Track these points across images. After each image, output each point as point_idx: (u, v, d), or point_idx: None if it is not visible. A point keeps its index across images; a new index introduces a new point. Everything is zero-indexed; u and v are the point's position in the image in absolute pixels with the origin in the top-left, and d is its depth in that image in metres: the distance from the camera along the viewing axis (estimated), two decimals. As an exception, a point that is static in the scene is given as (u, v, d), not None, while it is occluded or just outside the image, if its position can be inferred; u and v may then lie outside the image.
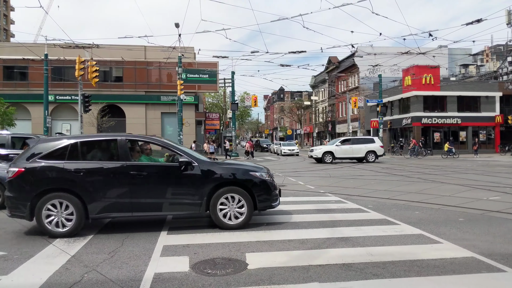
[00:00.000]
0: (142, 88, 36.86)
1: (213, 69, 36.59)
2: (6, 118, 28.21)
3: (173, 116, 35.17)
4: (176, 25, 26.47)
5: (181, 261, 5.05)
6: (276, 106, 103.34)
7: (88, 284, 4.30)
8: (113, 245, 5.84)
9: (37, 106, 33.29)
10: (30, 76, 35.45)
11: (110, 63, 35.98)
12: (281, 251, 5.49)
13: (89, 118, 32.18)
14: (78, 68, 23.68)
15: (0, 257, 5.31)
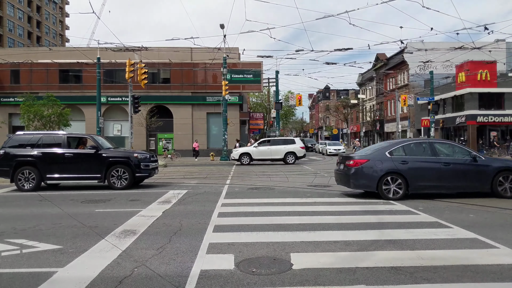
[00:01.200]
0: (189, 89, 37.74)
1: (257, 69, 36.78)
2: (62, 119, 29.89)
3: (218, 116, 35.73)
4: (221, 26, 26.87)
5: (226, 259, 5.09)
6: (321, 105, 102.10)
7: (138, 279, 4.44)
8: (161, 242, 6.01)
9: (91, 108, 35.02)
10: (84, 79, 37.36)
11: (158, 65, 37.16)
12: (327, 252, 5.40)
13: (139, 119, 33.40)
14: (128, 71, 24.63)
15: (57, 250, 5.62)
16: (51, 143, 12.93)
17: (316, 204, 9.32)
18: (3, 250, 5.60)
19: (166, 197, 10.61)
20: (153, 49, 34.16)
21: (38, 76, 37.56)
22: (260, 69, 37.10)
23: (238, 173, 18.60)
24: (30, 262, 5.09)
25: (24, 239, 6.20)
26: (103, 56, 31.30)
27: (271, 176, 16.93)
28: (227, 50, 30.44)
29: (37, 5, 78.38)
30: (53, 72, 37.51)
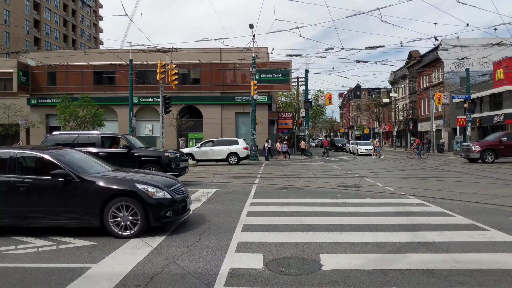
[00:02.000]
0: (218, 89, 38.07)
1: (286, 68, 36.64)
2: (96, 119, 30.80)
3: (247, 116, 35.84)
4: (250, 26, 26.94)
5: (255, 258, 5.10)
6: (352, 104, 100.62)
7: (168, 276, 4.51)
8: (191, 240, 6.08)
9: (123, 108, 35.90)
10: (117, 80, 38.35)
11: (188, 66, 37.67)
12: (357, 254, 5.30)
13: (169, 119, 33.93)
14: (160, 72, 25.10)
15: (91, 246, 5.79)
16: (86, 143, 13.35)
17: (346, 204, 9.18)
18: (40, 246, 5.82)
19: (196, 196, 10.73)
20: (183, 50, 34.64)
21: (74, 78, 38.86)
22: (289, 68, 36.93)
23: (266, 173, 18.60)
24: (66, 257, 5.27)
25: (60, 235, 6.42)
26: (135, 57, 32.03)
27: (300, 176, 16.82)
28: (256, 50, 30.49)
29: (73, 9, 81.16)
30: (88, 74, 38.71)
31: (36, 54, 41.69)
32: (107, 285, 4.23)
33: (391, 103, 66.69)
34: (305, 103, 36.47)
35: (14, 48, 50.79)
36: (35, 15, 66.72)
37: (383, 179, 14.94)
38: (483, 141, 26.10)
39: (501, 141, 23.68)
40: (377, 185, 13.11)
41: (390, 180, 14.80)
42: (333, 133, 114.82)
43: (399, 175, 16.80)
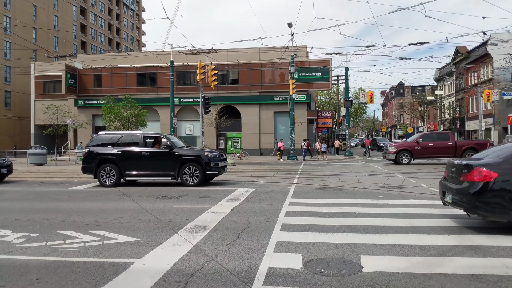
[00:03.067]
0: (256, 89, 38.21)
1: (325, 66, 36.20)
2: (139, 120, 31.79)
3: (285, 115, 35.74)
4: (289, 25, 26.82)
5: (294, 258, 5.06)
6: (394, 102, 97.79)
7: (208, 273, 4.57)
8: (230, 238, 6.13)
9: (165, 109, 36.87)
10: (158, 82, 39.43)
11: (227, 66, 38.08)
12: (400, 256, 5.14)
13: (209, 119, 34.46)
14: (199, 73, 25.53)
15: (134, 242, 5.98)
16: (130, 142, 13.80)
17: (389, 206, 8.94)
18: (87, 241, 6.08)
19: (235, 195, 10.82)
20: (222, 51, 35.06)
21: (118, 80, 40.33)
22: (328, 66, 36.47)
23: (305, 173, 18.45)
24: (111, 252, 5.47)
25: (105, 231, 6.68)
26: (176, 59, 32.77)
27: (340, 176, 16.56)
28: (294, 49, 30.34)
29: (117, 13, 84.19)
30: (131, 75, 40.05)
31: (83, 57, 43.59)
32: (149, 280, 4.35)
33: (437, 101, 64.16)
34: (346, 101, 35.87)
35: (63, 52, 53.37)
36: (81, 19, 69.83)
37: (428, 180, 14.41)
38: (400, 142, 25.40)
39: (418, 142, 23.16)
40: (421, 186, 12.67)
41: (435, 181, 14.22)
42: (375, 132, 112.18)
43: (444, 176, 16.15)
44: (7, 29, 49.59)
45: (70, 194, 11.95)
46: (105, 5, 78.60)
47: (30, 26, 53.42)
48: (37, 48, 49.63)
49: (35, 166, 25.79)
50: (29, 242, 6.06)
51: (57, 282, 4.33)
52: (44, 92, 42.18)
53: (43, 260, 5.14)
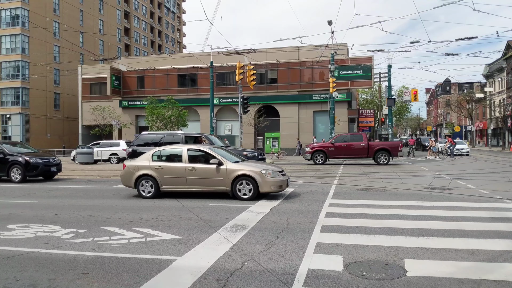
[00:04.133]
0: (295, 88, 37.98)
1: (367, 64, 35.41)
2: (180, 120, 32.48)
3: (325, 114, 35.30)
4: (329, 22, 26.48)
5: (335, 260, 4.97)
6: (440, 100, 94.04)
7: (247, 272, 4.58)
8: (269, 238, 6.12)
9: (205, 109, 37.47)
10: (199, 82, 40.12)
11: (265, 66, 38.11)
12: (446, 261, 4.92)
13: (248, 119, 34.65)
14: (238, 73, 25.71)
15: (176, 240, 6.10)
16: (171, 142, 14.13)
17: (434, 208, 8.59)
18: (131, 238, 6.27)
19: (274, 194, 10.79)
20: (261, 51, 35.15)
21: (160, 81, 41.42)
22: (370, 64, 35.63)
23: (346, 173, 18.13)
24: (153, 249, 5.60)
25: (148, 228, 6.86)
26: (216, 60, 33.19)
27: (382, 177, 16.12)
28: (334, 47, 29.88)
29: (158, 16, 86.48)
30: (173, 77, 41.00)
31: (127, 60, 45.15)
32: (190, 277, 4.41)
33: (486, 99, 61.10)
34: (388, 99, 34.89)
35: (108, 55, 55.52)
36: (125, 23, 72.30)
37: (476, 181, 13.74)
38: (317, 143, 26.69)
39: (332, 143, 24.01)
40: (470, 188, 12.08)
41: (484, 182, 13.57)
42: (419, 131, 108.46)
43: (495, 177, 15.34)
44: (56, 34, 52.20)
45: (115, 192, 12.38)
46: (147, 9, 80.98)
47: (78, 30, 55.97)
48: (84, 52, 51.93)
49: (82, 164, 26.97)
50: (77, 238, 6.33)
51: (103, 277, 4.49)
52: (91, 94, 44.03)
53: (89, 255, 5.35)
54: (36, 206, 9.55)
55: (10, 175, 15.60)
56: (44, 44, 50.09)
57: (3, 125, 48.93)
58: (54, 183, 15.44)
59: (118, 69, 41.41)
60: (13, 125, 48.75)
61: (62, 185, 14.72)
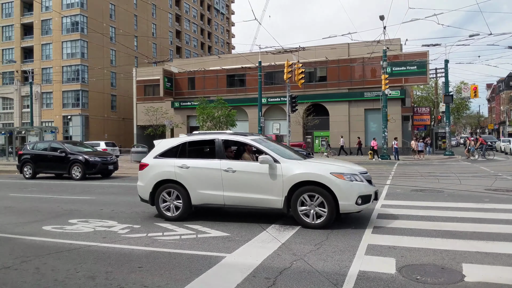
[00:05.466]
0: (345, 86, 37.21)
1: (422, 59, 33.91)
2: (229, 120, 32.93)
3: (377, 113, 34.29)
4: (380, 17, 25.73)
5: (387, 262, 4.81)
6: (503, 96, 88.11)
7: (296, 272, 4.54)
8: (318, 238, 6.04)
9: (253, 108, 37.72)
10: (247, 82, 40.46)
11: (314, 64, 37.67)
12: (509, 267, 4.60)
13: (296, 118, 34.44)
14: (286, 72, 25.63)
15: (225, 237, 6.19)
16: None
17: (496, 210, 8.06)
18: (183, 234, 6.44)
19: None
20: (309, 49, 34.81)
21: (210, 82, 42.27)
22: (425, 59, 34.09)
23: (400, 173, 17.51)
24: (204, 246, 5.72)
25: (199, 225, 7.02)
26: (264, 59, 33.33)
27: (439, 177, 15.39)
28: (387, 42, 28.94)
29: (208, 18, 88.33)
30: (222, 77, 41.69)
31: (178, 62, 46.48)
32: (239, 274, 4.46)
33: (554, 94, 56.47)
34: (445, 96, 33.23)
35: (160, 58, 57.60)
36: (176, 26, 74.52)
37: (543, 183, 12.74)
38: None
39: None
40: (535, 189, 11.23)
41: (552, 183, 12.55)
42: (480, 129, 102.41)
43: None
44: (113, 38, 54.88)
45: (168, 189, 12.78)
46: (197, 11, 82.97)
47: (132, 34, 58.48)
48: (138, 55, 54.17)
49: (137, 163, 28.14)
50: (132, 233, 6.60)
51: (156, 271, 4.65)
52: (145, 95, 45.82)
53: (144, 250, 5.57)
54: (95, 202, 10.09)
55: (71, 173, 16.62)
56: (101, 48, 52.81)
57: (65, 125, 52.17)
58: (111, 180, 16.23)
59: (170, 71, 42.76)
60: (74, 125, 51.86)
61: (118, 182, 15.44)
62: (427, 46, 25.06)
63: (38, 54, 53.52)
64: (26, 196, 11.68)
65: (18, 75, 53.71)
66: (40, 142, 19.92)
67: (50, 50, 52.86)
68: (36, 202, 10.30)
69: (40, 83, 52.52)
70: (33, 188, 13.78)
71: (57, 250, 5.61)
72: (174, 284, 4.24)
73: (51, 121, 52.25)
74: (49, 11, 51.50)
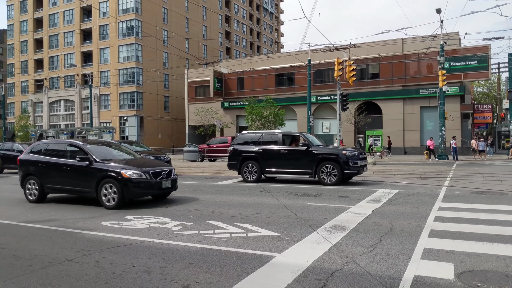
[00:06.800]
0: (399, 83, 35.91)
1: (483, 53, 31.97)
2: (278, 119, 32.93)
3: (433, 110, 32.80)
4: (437, 11, 24.59)
5: (445, 268, 4.58)
6: None
7: (348, 274, 4.44)
8: (371, 241, 5.87)
9: (302, 107, 37.44)
10: (296, 81, 40.23)
11: (366, 61, 36.71)
12: None
13: (347, 116, 33.74)
14: (337, 69, 25.15)
15: (275, 237, 6.18)
16: (269, 141, 14.38)
17: None
18: (233, 232, 6.52)
19: (376, 196, 10.34)
20: (361, 45, 34.01)
21: (258, 82, 42.53)
22: (486, 53, 32.10)
23: (459, 174, 16.62)
24: (254, 245, 5.75)
25: (249, 224, 7.07)
26: (313, 57, 32.97)
27: (502, 179, 14.43)
28: (444, 36, 27.59)
29: (257, 17, 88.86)
30: (270, 77, 41.79)
31: (228, 63, 47.20)
32: (290, 275, 4.43)
33: None
34: (509, 92, 31.14)
35: (210, 59, 58.82)
36: (226, 27, 75.69)
37: None
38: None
39: (208, 144, 30.04)
40: None
41: None
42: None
43: None
44: (165, 41, 56.79)
45: (218, 188, 13.03)
46: (246, 11, 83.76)
47: (184, 37, 60.16)
48: (190, 57, 55.64)
49: (189, 162, 28.92)
50: (185, 230, 6.78)
51: (207, 268, 4.74)
52: (196, 96, 46.99)
53: (196, 247, 5.70)
54: (149, 199, 10.48)
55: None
56: (154, 51, 54.84)
57: (122, 126, 54.74)
58: (164, 178, 16.76)
59: (220, 72, 43.52)
60: (130, 126, 54.29)
61: (172, 180, 15.91)
62: (489, 39, 23.59)
63: (97, 58, 56.59)
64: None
65: (79, 78, 57.10)
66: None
67: (107, 54, 55.72)
68: (96, 199, 10.87)
69: (98, 85, 55.53)
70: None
71: (115, 244, 5.89)
72: (225, 281, 4.29)
73: (109, 121, 55.07)
74: (106, 16, 54.29)
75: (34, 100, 61.96)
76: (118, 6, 54.34)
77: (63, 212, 8.81)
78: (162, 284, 4.24)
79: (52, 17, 60.79)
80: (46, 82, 60.79)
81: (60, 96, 59.65)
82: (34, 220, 7.87)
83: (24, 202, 10.42)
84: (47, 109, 60.48)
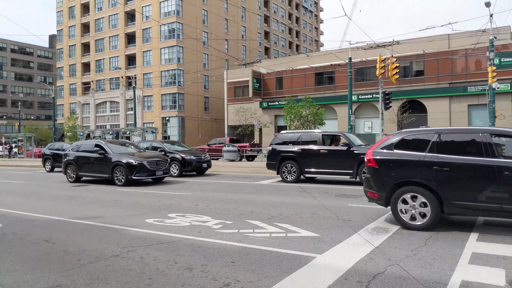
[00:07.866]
0: (445, 80, 34.50)
1: (537, 47, 30.11)
2: (317, 118, 32.54)
3: (482, 108, 31.25)
4: (486, 4, 23.39)
5: (495, 273, 4.36)
6: None
7: (391, 277, 4.33)
8: (415, 243, 5.68)
9: (342, 106, 36.81)
10: (336, 80, 39.62)
11: (410, 58, 35.57)
12: None
13: (390, 115, 32.85)
14: (379, 67, 24.52)
15: (315, 238, 6.12)
16: (308, 141, 14.26)
17: None
18: (273, 232, 6.52)
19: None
20: (404, 42, 33.02)
21: (297, 81, 42.26)
22: (541, 46, 30.21)
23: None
24: (293, 245, 5.72)
25: (288, 224, 7.05)
26: (354, 55, 32.33)
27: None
28: (494, 31, 26.19)
29: (296, 16, 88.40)
30: (310, 76, 41.41)
31: (266, 63, 47.25)
32: (330, 276, 4.38)
33: None
34: None
35: (249, 59, 59.11)
36: (265, 27, 75.85)
37: None
38: None
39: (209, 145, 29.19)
40: None
41: None
42: None
43: None
44: (205, 43, 57.72)
45: (257, 187, 13.08)
46: (285, 11, 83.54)
47: (223, 38, 60.89)
48: (229, 58, 56.26)
49: (228, 161, 29.24)
50: (225, 228, 6.86)
51: (247, 267, 4.77)
52: (235, 97, 47.41)
53: (236, 245, 5.75)
54: (191, 198, 10.70)
55: (169, 170, 17.82)
56: (195, 53, 55.88)
57: (164, 126, 56.21)
58: (204, 178, 17.08)
59: (259, 72, 43.66)
60: (171, 126, 55.65)
61: (211, 180, 16.18)
62: (544, 32, 22.09)
63: (140, 61, 58.43)
64: (130, 190, 12.81)
65: (123, 80, 59.20)
66: (143, 142, 21.68)
67: (150, 56, 57.39)
68: (139, 197, 11.25)
69: (141, 87, 57.31)
70: (135, 184, 15.04)
71: (158, 241, 6.05)
72: (265, 280, 4.30)
73: (151, 122, 56.72)
74: (148, 20, 55.93)
75: (82, 101, 64.87)
76: (160, 10, 55.85)
77: (108, 210, 9.17)
78: (203, 281, 4.31)
79: (98, 22, 63.42)
80: (93, 84, 63.51)
81: (105, 97, 62.12)
82: (82, 217, 8.24)
83: (73, 199, 10.95)
84: (93, 110, 63.16)
